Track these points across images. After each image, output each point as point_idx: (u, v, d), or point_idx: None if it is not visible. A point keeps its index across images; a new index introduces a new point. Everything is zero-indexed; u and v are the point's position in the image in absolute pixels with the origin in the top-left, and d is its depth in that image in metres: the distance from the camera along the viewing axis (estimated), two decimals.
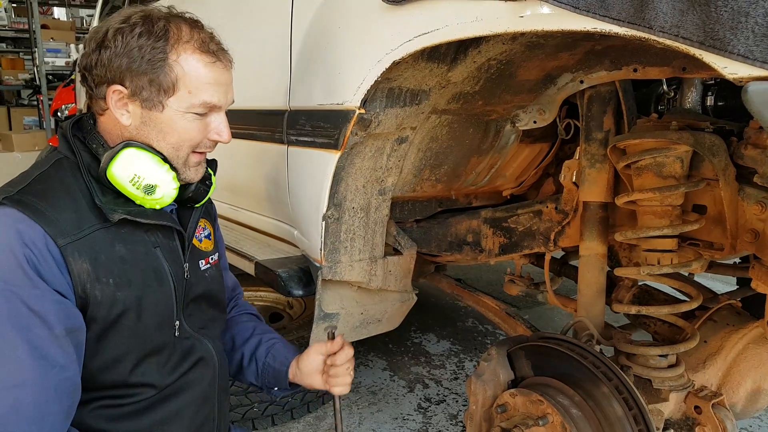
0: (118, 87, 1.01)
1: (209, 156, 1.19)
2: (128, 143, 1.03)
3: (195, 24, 1.07)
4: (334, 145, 1.47)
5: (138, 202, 1.05)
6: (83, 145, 1.06)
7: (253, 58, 1.96)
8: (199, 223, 1.24)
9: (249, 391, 2.18)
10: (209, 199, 1.30)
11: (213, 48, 1.05)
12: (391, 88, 1.39)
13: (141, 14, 1.01)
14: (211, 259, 1.26)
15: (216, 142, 1.13)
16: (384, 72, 1.27)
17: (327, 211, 1.56)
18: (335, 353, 1.24)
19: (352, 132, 1.42)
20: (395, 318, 1.99)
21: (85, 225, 0.99)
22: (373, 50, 1.28)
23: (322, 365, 1.26)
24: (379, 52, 1.26)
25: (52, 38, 7.71)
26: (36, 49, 7.33)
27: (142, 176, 1.02)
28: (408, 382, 2.75)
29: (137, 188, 1.03)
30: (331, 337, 1.25)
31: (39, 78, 7.19)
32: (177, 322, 1.12)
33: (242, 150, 2.06)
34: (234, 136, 2.03)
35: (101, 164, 1.01)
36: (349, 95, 1.38)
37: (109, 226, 1.02)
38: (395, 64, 1.25)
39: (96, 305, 1.00)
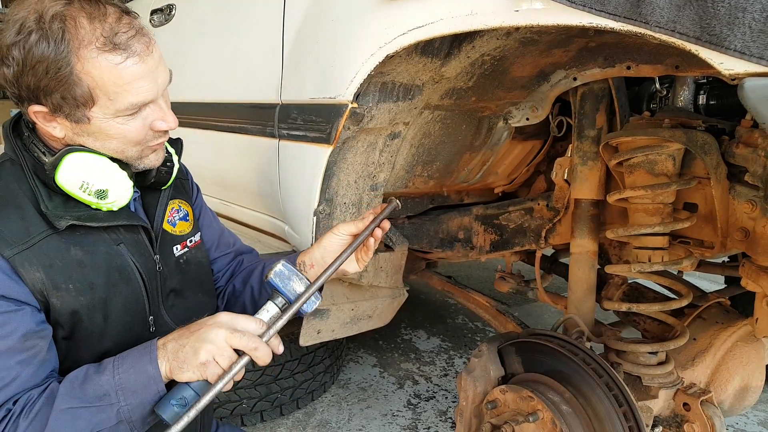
0: (37, 107, 0.93)
1: (173, 135, 1.12)
2: (70, 149, 0.96)
3: (96, 12, 0.91)
4: (325, 140, 1.45)
5: (93, 207, 0.99)
6: (26, 147, 1.00)
7: (245, 51, 1.94)
8: (172, 205, 1.18)
9: (237, 388, 2.17)
10: (184, 174, 1.25)
11: (121, 40, 0.91)
12: (384, 82, 1.38)
13: (34, 17, 0.89)
14: (190, 241, 1.21)
15: (165, 131, 1.03)
16: (377, 66, 1.26)
17: (318, 206, 1.55)
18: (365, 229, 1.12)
19: (345, 126, 1.40)
20: (386, 314, 1.98)
21: (35, 232, 0.94)
22: (367, 43, 1.27)
23: (349, 241, 1.14)
24: (373, 45, 1.25)
25: None
26: None
27: (90, 182, 0.96)
28: (398, 378, 2.75)
29: (88, 194, 0.97)
30: (394, 205, 1.14)
31: None
32: (151, 318, 1.09)
33: (232, 144, 2.04)
34: (224, 129, 2.05)
35: (47, 172, 0.95)
36: (342, 89, 1.37)
37: (62, 231, 0.96)
38: (389, 58, 1.24)
39: (56, 312, 0.96)
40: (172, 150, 1.17)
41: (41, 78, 0.89)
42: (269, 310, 1.01)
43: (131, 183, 1.02)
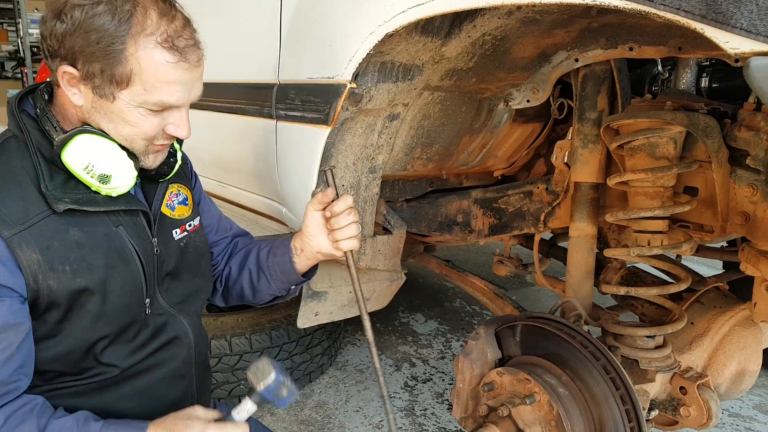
0: (69, 69, 0.93)
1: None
2: (83, 129, 0.96)
3: (167, 11, 0.95)
4: (324, 121, 1.44)
5: (93, 189, 0.99)
6: (34, 123, 0.99)
7: (242, 30, 1.92)
8: (171, 189, 1.18)
9: (236, 369, 2.18)
10: (183, 158, 1.25)
11: (180, 44, 0.94)
12: (383, 62, 1.36)
13: None
14: (189, 225, 1.21)
15: (174, 137, 1.05)
16: (376, 45, 1.24)
17: (316, 188, 1.54)
18: (332, 202, 1.16)
19: (343, 107, 1.39)
20: (383, 297, 1.98)
21: (34, 212, 0.94)
22: (366, 22, 1.25)
23: (323, 221, 1.19)
24: (372, 23, 1.22)
25: (36, 9, 7.52)
26: (20, 20, 7.18)
27: (96, 165, 0.96)
28: (395, 360, 2.76)
29: (91, 177, 0.97)
30: (325, 181, 1.16)
31: (23, 50, 7.07)
32: (148, 300, 1.09)
33: (229, 125, 2.02)
34: (221, 110, 2.03)
35: (54, 148, 0.95)
36: (341, 69, 1.35)
37: (61, 211, 0.96)
38: (388, 37, 1.22)
39: (52, 294, 0.95)
40: (177, 146, 1.17)
41: (89, 44, 0.90)
42: (249, 410, 1.05)
43: (135, 173, 1.02)
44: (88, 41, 0.90)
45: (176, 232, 1.18)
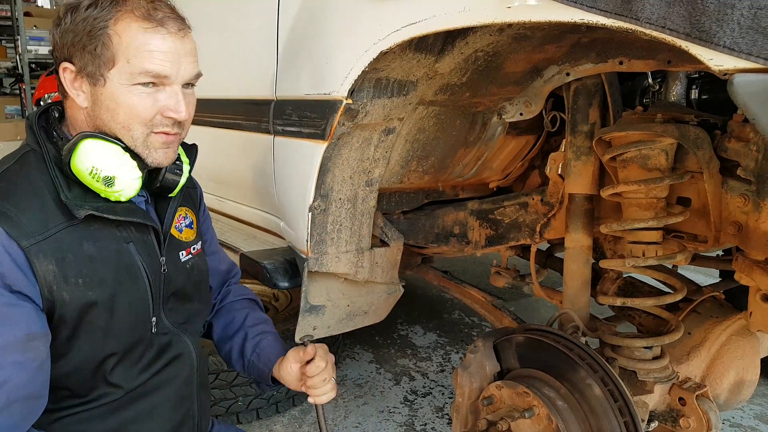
0: (67, 64, 0.98)
1: (189, 140, 1.14)
2: (85, 134, 0.99)
3: None
4: (320, 136, 1.45)
5: (103, 195, 1.00)
6: (49, 137, 1.03)
7: (240, 46, 1.94)
8: (179, 212, 1.20)
9: (233, 385, 2.17)
10: (192, 183, 1.27)
11: (157, 15, 0.97)
12: (378, 78, 1.38)
13: None
14: (193, 249, 1.23)
15: (174, 120, 1.04)
16: (371, 62, 1.26)
17: (313, 202, 1.55)
18: (307, 363, 1.20)
19: (339, 122, 1.40)
20: (382, 310, 1.98)
21: (51, 224, 0.95)
22: (361, 40, 1.27)
23: (300, 373, 1.22)
24: (367, 41, 1.25)
25: (35, 26, 7.57)
26: (18, 37, 7.23)
27: (99, 168, 0.97)
28: (394, 374, 2.75)
29: (97, 181, 0.98)
30: (306, 345, 1.22)
31: (21, 66, 7.11)
32: (154, 319, 1.09)
33: (227, 140, 2.04)
34: (219, 125, 2.05)
35: (63, 158, 0.98)
36: (337, 85, 1.37)
37: (77, 224, 0.98)
38: (383, 54, 1.24)
39: (64, 307, 0.96)
40: (186, 159, 1.18)
41: (79, 33, 0.97)
42: None
43: (139, 174, 1.02)
44: (77, 32, 0.97)
45: (182, 254, 1.19)
